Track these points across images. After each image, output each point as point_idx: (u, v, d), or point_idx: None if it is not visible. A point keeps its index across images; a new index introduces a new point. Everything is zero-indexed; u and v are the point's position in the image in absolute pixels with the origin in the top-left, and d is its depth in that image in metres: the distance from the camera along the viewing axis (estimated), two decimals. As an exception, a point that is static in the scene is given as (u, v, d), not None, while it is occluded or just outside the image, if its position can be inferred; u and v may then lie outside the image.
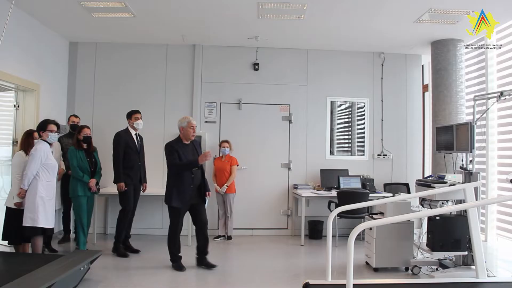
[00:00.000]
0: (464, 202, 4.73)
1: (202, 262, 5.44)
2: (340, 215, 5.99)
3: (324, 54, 8.02)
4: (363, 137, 8.11)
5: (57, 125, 5.25)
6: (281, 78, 7.94)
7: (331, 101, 8.09)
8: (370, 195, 6.88)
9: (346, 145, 8.22)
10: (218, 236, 7.22)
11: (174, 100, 7.72)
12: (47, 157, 4.98)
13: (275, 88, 7.92)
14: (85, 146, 5.85)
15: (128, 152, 6.06)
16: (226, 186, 7.09)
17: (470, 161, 5.18)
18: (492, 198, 6.91)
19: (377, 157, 8.01)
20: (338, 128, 8.16)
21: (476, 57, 7.48)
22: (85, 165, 5.77)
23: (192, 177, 5.29)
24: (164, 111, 7.68)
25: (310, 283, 4.09)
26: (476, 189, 4.69)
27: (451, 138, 5.47)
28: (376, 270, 5.36)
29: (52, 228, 5.12)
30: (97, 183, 5.89)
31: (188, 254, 5.61)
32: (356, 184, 7.36)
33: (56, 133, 5.17)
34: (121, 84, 7.69)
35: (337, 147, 8.11)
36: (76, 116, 6.75)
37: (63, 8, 6.01)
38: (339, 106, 8.17)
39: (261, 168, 7.81)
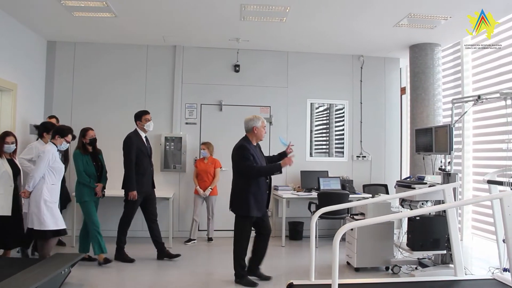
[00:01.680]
0: (443, 203, 4.84)
1: (256, 272, 5.09)
2: (321, 216, 6.01)
3: (304, 57, 8.10)
4: (342, 139, 8.21)
5: (74, 136, 5.22)
6: (261, 80, 7.97)
7: (311, 103, 8.16)
8: (350, 196, 6.97)
9: (324, 146, 8.31)
10: (190, 240, 7.08)
11: (155, 101, 7.66)
12: (55, 160, 4.87)
13: (256, 90, 7.95)
14: (90, 149, 5.64)
15: (140, 157, 5.75)
16: (210, 189, 7.06)
17: (449, 162, 5.30)
18: (469, 198, 7.09)
19: (356, 158, 8.12)
20: (316, 130, 8.24)
21: (452, 61, 7.67)
22: (91, 169, 5.56)
23: (267, 182, 4.97)
24: (144, 112, 7.61)
25: (294, 283, 4.11)
26: (454, 189, 4.80)
27: (430, 140, 5.59)
28: (357, 270, 5.44)
29: (65, 229, 5.00)
30: (103, 188, 5.68)
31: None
32: (336, 185, 7.45)
33: (68, 144, 5.11)
34: (101, 85, 7.59)
35: (315, 149, 8.18)
36: (53, 117, 6.62)
37: (42, 7, 5.90)
38: (317, 108, 8.25)
39: (241, 169, 7.79)
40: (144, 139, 5.90)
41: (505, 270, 4.32)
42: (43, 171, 4.78)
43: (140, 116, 5.90)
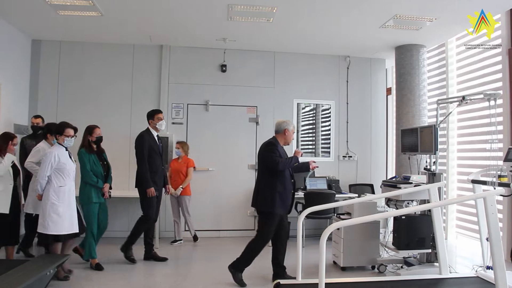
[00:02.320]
0: (428, 202, 4.90)
1: (279, 273, 5.05)
2: (307, 216, 6.05)
3: (291, 57, 8.12)
4: (329, 139, 8.25)
5: (75, 129, 4.93)
6: (248, 80, 7.98)
7: (298, 103, 8.19)
8: (336, 196, 7.00)
9: (311, 146, 8.34)
10: (175, 241, 7.01)
11: (141, 101, 7.61)
12: (59, 161, 4.68)
13: (243, 90, 7.95)
14: (95, 148, 5.41)
15: (152, 155, 5.69)
16: (182, 187, 6.95)
17: (434, 162, 5.36)
18: (454, 198, 7.19)
19: (342, 158, 8.17)
20: (302, 130, 8.27)
21: (437, 62, 7.77)
22: (99, 169, 5.32)
23: (292, 182, 5.00)
24: (131, 112, 7.57)
25: (281, 283, 4.13)
26: (439, 189, 4.86)
27: (416, 140, 5.66)
28: (343, 269, 5.47)
29: (74, 234, 4.81)
30: (110, 188, 5.47)
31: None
32: (322, 185, 7.48)
33: (72, 138, 4.85)
34: (86, 84, 7.52)
35: (302, 149, 8.20)
36: (38, 117, 6.51)
37: (27, 4, 5.83)
38: (303, 108, 8.28)
39: (228, 169, 7.81)
40: (156, 138, 5.82)
41: (488, 268, 4.38)
42: (46, 174, 4.64)
43: (153, 115, 5.83)
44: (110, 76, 7.60)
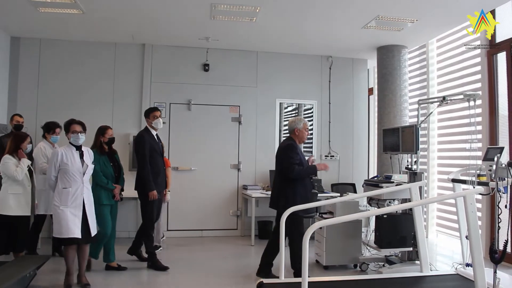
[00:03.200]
0: (409, 201, 4.95)
1: (265, 271, 5.01)
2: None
3: (274, 57, 8.14)
4: (311, 139, 8.28)
5: (82, 124, 4.68)
6: (231, 80, 7.97)
7: (280, 103, 8.21)
8: (319, 195, 7.02)
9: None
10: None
11: (123, 100, 7.56)
12: (61, 162, 4.44)
13: (225, 89, 7.94)
14: (106, 149, 5.26)
15: (153, 155, 5.43)
16: (169, 191, 6.77)
17: (415, 161, 5.42)
18: (435, 197, 7.29)
19: (324, 158, 8.21)
20: (285, 130, 8.28)
21: (418, 63, 7.87)
22: (109, 170, 5.19)
23: (311, 182, 5.00)
24: (113, 111, 7.50)
25: (264, 282, 4.14)
26: (420, 188, 4.92)
27: (397, 139, 5.72)
28: (326, 268, 5.50)
29: (77, 238, 4.46)
30: (121, 190, 5.31)
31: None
32: (305, 185, 7.49)
33: (80, 134, 4.57)
34: (68, 83, 7.42)
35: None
36: (20, 116, 6.41)
37: (6, 1, 5.72)
38: (285, 108, 8.30)
39: (210, 169, 7.79)
40: (155, 137, 5.60)
41: (467, 265, 4.45)
42: (52, 174, 4.47)
43: (148, 113, 5.60)
44: (91, 75, 7.51)
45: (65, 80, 7.42)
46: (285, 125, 8.25)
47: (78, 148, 4.59)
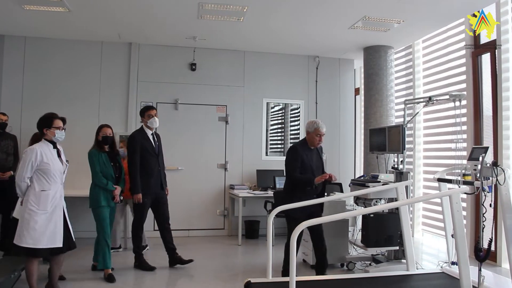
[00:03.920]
0: (395, 200, 4.99)
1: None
2: (277, 214, 6.08)
3: (261, 56, 8.14)
4: (298, 138, 8.29)
5: (63, 119, 4.32)
6: (218, 79, 7.95)
7: (267, 103, 8.22)
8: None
9: (280, 146, 8.38)
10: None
11: (109, 99, 7.50)
12: (41, 161, 4.00)
13: (212, 88, 7.92)
14: (106, 148, 5.05)
15: (145, 156, 5.33)
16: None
17: (401, 161, 5.46)
18: (421, 196, 7.36)
19: (311, 157, 8.21)
20: (272, 129, 8.30)
21: (404, 63, 7.94)
22: (109, 170, 4.98)
23: (314, 189, 4.80)
24: (99, 110, 7.43)
25: (252, 281, 4.13)
26: (406, 187, 4.96)
27: (384, 139, 5.76)
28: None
29: (49, 249, 4.04)
30: (121, 192, 5.13)
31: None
32: (292, 184, 7.51)
33: (63, 130, 4.23)
34: (53, 82, 7.33)
35: (271, 148, 8.24)
36: (4, 114, 6.33)
37: (-10, -2, 5.64)
38: (272, 108, 8.31)
39: (197, 168, 7.78)
40: (150, 137, 5.47)
41: (453, 263, 4.50)
42: (25, 175, 3.95)
43: (144, 112, 5.50)
44: (77, 73, 7.43)
45: (50, 79, 7.34)
46: (272, 125, 8.28)
47: (55, 146, 4.23)
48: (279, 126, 8.39)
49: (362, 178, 6.14)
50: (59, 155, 4.25)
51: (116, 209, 5.29)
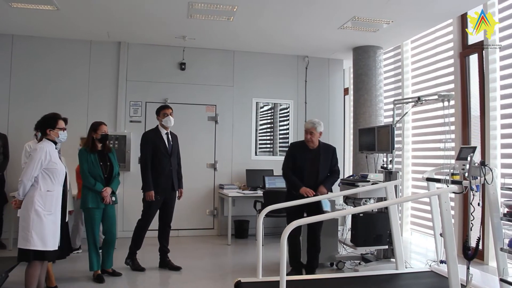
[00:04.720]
0: (385, 200, 5.02)
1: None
2: (267, 214, 6.08)
3: (251, 56, 8.14)
4: (287, 138, 8.32)
5: (65, 120, 4.20)
6: (207, 79, 7.93)
7: (257, 102, 8.22)
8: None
9: (269, 145, 8.39)
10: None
11: (98, 98, 7.44)
12: (50, 160, 3.88)
13: (202, 88, 7.90)
14: (99, 147, 4.91)
15: (157, 155, 5.29)
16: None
17: (390, 161, 5.50)
18: (410, 195, 7.41)
19: (301, 157, 8.23)
20: (261, 129, 8.30)
21: (393, 63, 7.99)
22: (97, 171, 4.80)
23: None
24: (87, 109, 7.37)
25: (242, 281, 4.12)
26: (396, 187, 4.99)
27: (373, 139, 5.79)
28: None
29: (55, 251, 3.96)
30: (113, 192, 4.91)
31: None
32: (281, 184, 7.47)
33: (65, 131, 4.13)
34: (41, 81, 7.25)
35: (260, 148, 8.25)
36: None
37: (-24, -5, 5.57)
38: (261, 108, 8.32)
39: (187, 168, 7.60)
40: (165, 136, 5.43)
41: (441, 262, 4.54)
42: (33, 174, 3.81)
43: (159, 111, 5.44)
44: (66, 72, 7.36)
45: (38, 78, 7.26)
46: (261, 124, 8.28)
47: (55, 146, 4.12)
48: (269, 126, 8.40)
49: (351, 177, 6.17)
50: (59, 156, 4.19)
51: (113, 209, 5.09)
